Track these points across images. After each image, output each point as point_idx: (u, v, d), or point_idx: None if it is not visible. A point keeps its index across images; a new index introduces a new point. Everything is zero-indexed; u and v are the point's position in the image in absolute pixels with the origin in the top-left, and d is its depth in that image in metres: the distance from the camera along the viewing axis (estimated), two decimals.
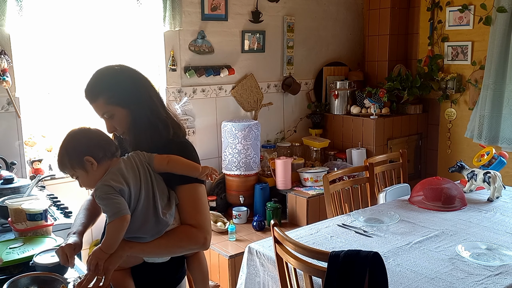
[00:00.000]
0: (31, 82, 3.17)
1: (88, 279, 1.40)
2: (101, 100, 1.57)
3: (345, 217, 2.59)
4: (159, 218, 1.49)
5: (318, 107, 4.50)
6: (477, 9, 4.05)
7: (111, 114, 1.58)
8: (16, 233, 1.95)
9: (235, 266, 3.07)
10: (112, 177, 1.46)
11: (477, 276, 1.90)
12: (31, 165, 3.08)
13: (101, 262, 1.40)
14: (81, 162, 1.46)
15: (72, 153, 1.47)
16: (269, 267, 2.15)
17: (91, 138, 1.51)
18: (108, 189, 1.43)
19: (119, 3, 3.21)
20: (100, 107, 1.58)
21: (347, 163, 4.12)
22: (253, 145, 3.71)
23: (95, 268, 1.40)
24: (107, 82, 1.59)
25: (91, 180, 1.49)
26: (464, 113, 4.28)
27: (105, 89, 1.57)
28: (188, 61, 3.67)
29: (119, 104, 1.57)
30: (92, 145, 1.49)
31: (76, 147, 1.48)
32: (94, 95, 1.58)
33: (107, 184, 1.44)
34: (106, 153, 1.50)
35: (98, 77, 1.61)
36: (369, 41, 4.67)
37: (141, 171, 1.51)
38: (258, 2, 3.98)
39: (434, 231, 2.35)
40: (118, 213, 1.41)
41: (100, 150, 1.49)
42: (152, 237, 1.50)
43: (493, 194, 2.78)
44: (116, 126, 1.61)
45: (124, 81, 1.61)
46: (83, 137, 1.51)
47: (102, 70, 1.63)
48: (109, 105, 1.57)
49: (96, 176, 1.48)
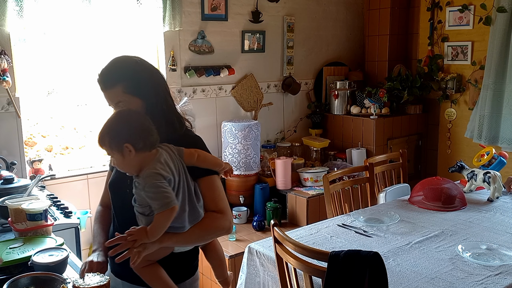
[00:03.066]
0: (31, 82, 3.17)
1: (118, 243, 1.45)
2: (119, 88, 1.56)
3: (345, 217, 2.59)
4: (195, 209, 1.56)
5: (318, 107, 4.50)
6: (477, 9, 4.05)
7: (127, 103, 1.57)
8: (16, 233, 1.95)
9: (235, 266, 3.07)
10: (160, 166, 1.49)
11: (477, 276, 1.90)
12: (31, 165, 3.08)
13: (139, 242, 1.44)
14: (120, 147, 1.49)
15: (114, 135, 1.50)
16: (269, 267, 2.15)
17: (135, 127, 1.51)
18: (159, 177, 1.47)
19: (119, 3, 3.21)
20: (116, 95, 1.57)
21: (347, 163, 4.12)
22: (253, 145, 3.71)
23: (131, 242, 1.44)
24: (127, 71, 1.59)
25: (125, 165, 1.52)
26: (464, 113, 4.28)
27: (124, 77, 1.57)
28: (188, 61, 3.67)
29: (137, 94, 1.58)
30: (134, 134, 1.50)
31: (119, 132, 1.50)
32: (111, 82, 1.56)
33: (158, 173, 1.47)
34: (146, 144, 1.51)
35: (117, 64, 1.60)
36: (369, 41, 4.67)
37: (177, 163, 1.56)
38: (258, 2, 3.98)
39: (434, 231, 2.35)
40: (169, 204, 1.44)
41: (141, 140, 1.50)
42: (189, 226, 1.54)
43: (493, 194, 2.78)
44: None
45: (143, 72, 1.61)
46: (128, 123, 1.52)
47: (122, 58, 1.63)
48: (127, 94, 1.57)
49: (131, 162, 1.51)
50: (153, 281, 1.54)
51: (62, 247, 1.76)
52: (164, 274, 1.56)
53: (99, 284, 1.43)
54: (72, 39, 3.25)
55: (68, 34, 3.20)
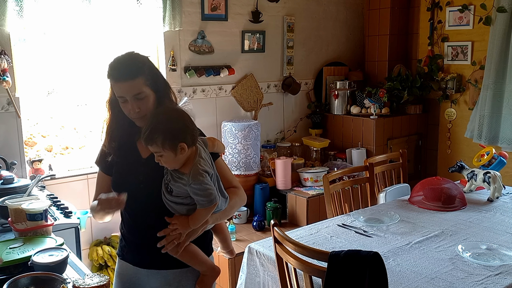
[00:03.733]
0: (31, 82, 3.17)
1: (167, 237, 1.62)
2: (140, 80, 1.64)
3: (345, 217, 2.59)
4: (223, 191, 1.72)
5: (318, 107, 4.49)
6: (477, 9, 4.05)
7: (145, 95, 1.66)
8: (16, 233, 1.95)
9: (235, 266, 3.07)
10: (204, 163, 1.62)
11: (477, 276, 1.90)
12: (31, 165, 3.08)
13: (184, 233, 1.63)
14: (175, 146, 1.56)
15: (169, 135, 1.56)
16: (269, 267, 2.15)
17: (187, 126, 1.61)
18: (204, 175, 1.59)
19: (119, 3, 3.21)
20: (137, 86, 1.63)
21: (347, 163, 4.12)
22: (253, 145, 3.71)
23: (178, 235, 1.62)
24: (144, 64, 1.67)
25: (176, 162, 1.60)
26: (464, 113, 4.28)
27: (143, 70, 1.66)
28: (188, 61, 3.67)
29: (152, 87, 1.68)
30: (187, 132, 1.60)
31: (175, 132, 1.58)
32: (133, 73, 1.63)
33: (204, 170, 1.60)
34: (194, 140, 1.62)
35: (134, 57, 1.69)
36: (369, 41, 4.67)
37: (208, 155, 1.70)
38: (258, 2, 3.98)
39: (434, 231, 2.35)
40: (212, 201, 1.60)
41: (192, 137, 1.61)
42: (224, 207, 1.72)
43: (493, 194, 2.78)
44: (141, 107, 1.66)
45: (155, 67, 1.73)
46: (182, 122, 1.61)
47: (135, 53, 1.71)
48: (146, 86, 1.65)
49: (181, 159, 1.60)
50: (193, 259, 1.72)
51: (62, 247, 1.76)
52: (199, 250, 1.73)
53: (99, 284, 1.43)
54: (72, 39, 3.25)
55: (68, 34, 3.20)
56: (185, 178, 1.58)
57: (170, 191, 1.63)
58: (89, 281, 1.44)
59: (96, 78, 3.37)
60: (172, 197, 1.63)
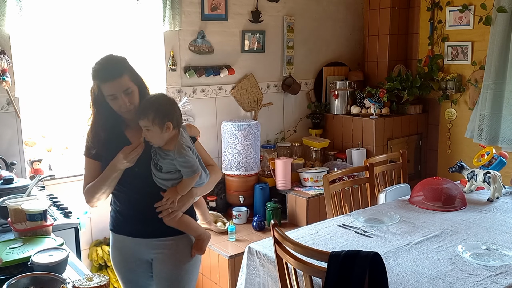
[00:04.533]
0: (31, 82, 3.17)
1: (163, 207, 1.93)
2: (126, 77, 1.89)
3: (345, 217, 2.59)
4: (205, 170, 2.05)
5: (318, 107, 4.49)
6: (477, 9, 4.05)
7: (132, 90, 1.91)
8: (16, 233, 1.95)
9: (235, 266, 3.07)
10: (187, 140, 1.97)
11: (477, 276, 1.90)
12: (31, 165, 3.08)
13: (176, 199, 1.94)
14: (162, 124, 1.88)
15: (160, 113, 1.88)
16: (269, 267, 2.15)
17: (175, 110, 1.94)
18: (187, 149, 1.92)
19: (119, 3, 3.21)
20: (124, 83, 1.88)
21: (347, 163, 4.12)
22: (253, 145, 3.71)
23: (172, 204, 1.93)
24: (125, 63, 1.93)
25: (159, 139, 1.91)
26: (464, 113, 4.28)
27: (126, 68, 1.92)
28: (188, 61, 3.67)
29: (136, 82, 1.94)
30: (176, 115, 1.93)
31: (166, 111, 1.90)
32: (120, 72, 1.88)
33: (187, 145, 1.94)
34: (178, 124, 1.95)
35: (114, 58, 1.94)
36: (369, 41, 4.67)
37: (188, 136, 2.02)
38: (258, 2, 3.98)
39: (434, 231, 2.34)
40: (196, 171, 1.94)
41: (177, 120, 1.94)
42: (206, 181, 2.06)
43: (493, 194, 2.78)
44: (130, 101, 1.92)
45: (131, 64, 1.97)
46: (174, 106, 1.95)
47: (112, 55, 1.95)
48: (131, 81, 1.91)
49: (164, 137, 1.91)
50: (188, 227, 2.02)
51: (62, 247, 1.76)
52: (192, 219, 2.07)
53: (99, 284, 1.43)
54: (72, 39, 3.25)
55: (68, 34, 3.20)
56: (171, 154, 1.90)
57: (160, 169, 1.93)
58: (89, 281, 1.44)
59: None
60: (161, 174, 1.93)
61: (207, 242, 2.09)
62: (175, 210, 1.95)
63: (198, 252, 2.07)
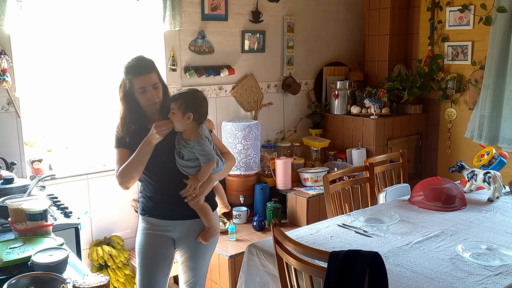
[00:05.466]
0: (31, 82, 3.17)
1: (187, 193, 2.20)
2: (155, 74, 2.19)
3: (345, 217, 2.59)
4: (221, 158, 2.31)
5: (318, 107, 4.50)
6: (477, 9, 4.05)
7: (158, 85, 2.20)
8: (16, 233, 1.95)
9: (235, 266, 3.07)
10: (206, 132, 2.22)
11: (477, 276, 1.90)
12: (31, 165, 3.08)
13: (197, 186, 2.19)
14: (185, 111, 2.13)
15: (187, 102, 2.14)
16: (269, 267, 2.15)
17: (202, 107, 2.21)
18: (205, 139, 2.17)
19: (119, 3, 3.21)
20: (154, 78, 2.17)
21: (347, 163, 4.12)
22: (253, 145, 3.71)
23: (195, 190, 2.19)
24: (153, 63, 2.21)
25: (179, 124, 2.15)
26: (464, 113, 4.28)
27: (155, 67, 2.20)
28: (188, 61, 3.67)
29: (161, 81, 2.23)
30: (200, 111, 2.18)
31: (192, 101, 2.16)
32: (150, 68, 2.17)
33: (207, 137, 2.20)
34: (200, 119, 2.20)
35: (146, 58, 2.21)
36: (369, 41, 4.67)
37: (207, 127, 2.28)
38: (258, 2, 3.98)
39: (434, 231, 2.35)
40: (211, 159, 2.19)
41: (199, 115, 2.18)
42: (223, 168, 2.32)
43: (493, 194, 2.78)
44: (157, 95, 2.19)
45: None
46: (202, 103, 2.21)
47: (143, 56, 2.23)
48: (158, 79, 2.21)
49: (183, 125, 2.16)
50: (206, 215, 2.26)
51: (62, 247, 1.76)
52: (211, 210, 2.29)
53: (99, 284, 1.43)
54: (72, 39, 3.25)
55: (68, 34, 3.20)
56: (191, 143, 2.15)
57: (182, 157, 2.18)
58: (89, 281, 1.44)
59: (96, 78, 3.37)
60: (184, 162, 2.18)
61: (213, 236, 2.29)
62: (198, 195, 2.21)
63: (202, 240, 2.27)
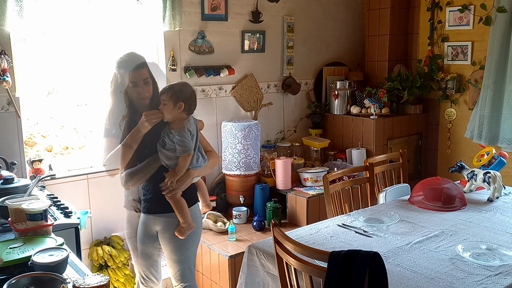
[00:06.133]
0: (31, 82, 3.17)
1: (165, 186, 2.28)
2: (146, 69, 2.31)
3: (345, 217, 2.59)
4: (204, 155, 2.40)
5: (318, 107, 4.49)
6: (477, 9, 4.05)
7: (149, 81, 2.32)
8: (16, 233, 1.95)
9: (235, 266, 3.07)
10: (192, 126, 2.31)
11: (477, 276, 1.90)
12: (31, 165, 3.08)
13: (175, 179, 2.28)
14: (177, 100, 2.26)
15: (178, 93, 2.27)
16: (269, 267, 2.15)
17: (192, 98, 2.33)
18: (186, 131, 2.26)
19: (119, 2, 3.21)
20: (145, 73, 2.30)
21: (347, 163, 4.12)
22: (253, 145, 3.71)
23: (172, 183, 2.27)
24: (145, 59, 2.33)
25: (170, 114, 2.27)
26: (464, 113, 4.28)
27: (146, 63, 2.32)
28: (188, 61, 3.67)
29: (151, 76, 2.34)
30: (190, 101, 2.30)
31: (183, 94, 2.28)
32: (142, 64, 2.30)
33: (187, 128, 2.28)
34: (190, 111, 2.32)
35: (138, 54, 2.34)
36: (369, 41, 4.67)
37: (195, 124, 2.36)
38: (258, 2, 3.98)
39: (434, 231, 2.35)
40: (187, 151, 2.27)
41: (189, 105, 2.30)
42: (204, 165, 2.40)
43: (493, 194, 2.78)
44: (148, 90, 2.31)
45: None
46: (192, 94, 2.33)
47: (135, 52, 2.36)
48: (149, 74, 2.33)
49: (173, 114, 2.27)
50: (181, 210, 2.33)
51: (62, 247, 1.76)
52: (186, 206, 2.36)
53: (99, 284, 1.43)
54: (72, 39, 3.25)
55: (68, 33, 3.20)
56: (173, 132, 2.25)
57: (163, 146, 2.27)
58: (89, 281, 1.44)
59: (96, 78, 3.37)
60: (164, 151, 2.27)
61: (188, 231, 2.39)
62: (175, 188, 2.28)
63: (178, 235, 2.38)
